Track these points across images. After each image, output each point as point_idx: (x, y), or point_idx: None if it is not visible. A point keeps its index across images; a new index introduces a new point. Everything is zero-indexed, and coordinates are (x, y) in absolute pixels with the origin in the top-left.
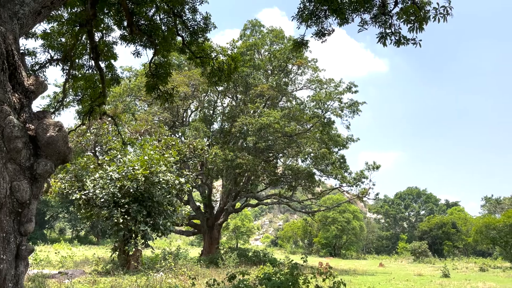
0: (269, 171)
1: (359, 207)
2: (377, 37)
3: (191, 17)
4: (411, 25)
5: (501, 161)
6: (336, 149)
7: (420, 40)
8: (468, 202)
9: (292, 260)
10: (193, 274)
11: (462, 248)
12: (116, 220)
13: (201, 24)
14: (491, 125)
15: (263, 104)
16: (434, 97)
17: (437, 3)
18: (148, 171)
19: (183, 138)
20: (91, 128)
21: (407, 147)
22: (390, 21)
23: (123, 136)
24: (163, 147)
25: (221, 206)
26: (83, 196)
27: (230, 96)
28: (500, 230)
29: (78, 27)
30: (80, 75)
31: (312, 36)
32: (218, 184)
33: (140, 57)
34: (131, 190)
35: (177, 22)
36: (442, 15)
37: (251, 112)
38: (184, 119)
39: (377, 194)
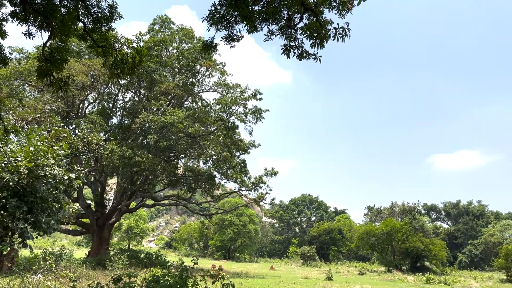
0: (169, 171)
1: (256, 211)
2: (281, 49)
3: (95, 3)
4: (313, 41)
5: (385, 173)
6: (238, 153)
7: (321, 56)
8: (354, 210)
9: (183, 262)
10: (76, 276)
11: (346, 253)
12: None
13: (106, 12)
14: (377, 139)
15: (168, 102)
16: (330, 111)
17: (337, 24)
18: (32, 164)
19: (77, 131)
20: None
21: (303, 156)
22: (294, 35)
23: (5, 123)
24: (53, 139)
25: (114, 205)
26: None
27: (133, 90)
28: (379, 237)
29: None
30: None
31: (221, 40)
32: (112, 182)
33: (32, 38)
34: (11, 183)
35: (79, 6)
36: (341, 35)
37: (154, 109)
38: (80, 111)
39: (273, 199)
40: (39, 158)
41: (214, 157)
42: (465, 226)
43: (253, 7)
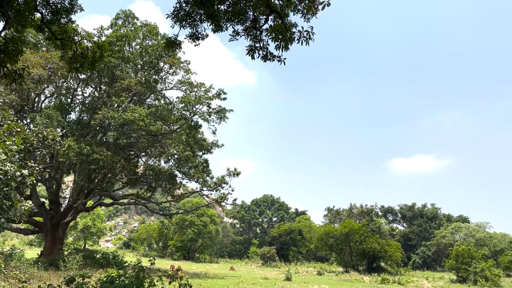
0: (128, 169)
1: (217, 211)
2: (246, 50)
3: None
4: (278, 43)
5: (345, 175)
6: (200, 153)
7: (285, 59)
8: (314, 211)
9: (140, 263)
10: (26, 277)
11: (305, 253)
12: None
13: (66, 3)
14: (339, 142)
15: (129, 99)
16: (293, 112)
17: (302, 27)
18: None
19: (32, 126)
20: None
21: (266, 157)
22: (260, 36)
23: None
24: (5, 133)
25: (70, 204)
26: None
27: (93, 86)
28: (337, 238)
29: None
30: None
31: (186, 38)
32: (69, 179)
33: None
34: None
35: None
36: (305, 39)
37: (115, 106)
38: (36, 105)
39: (235, 199)
40: None
41: (176, 156)
42: (419, 228)
43: (219, 6)
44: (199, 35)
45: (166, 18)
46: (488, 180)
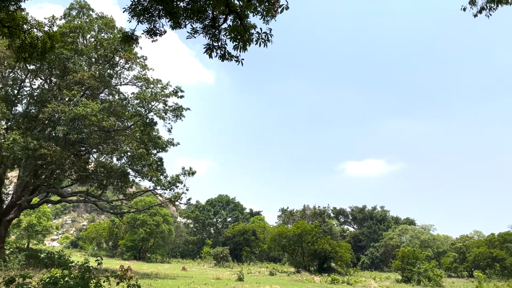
0: (78, 166)
1: (171, 211)
2: (204, 48)
3: None
4: (236, 43)
5: (300, 176)
6: (155, 151)
7: (243, 59)
8: (269, 212)
9: (86, 262)
10: None
11: (258, 254)
12: None
13: None
14: (295, 143)
15: (82, 93)
16: (250, 113)
17: (260, 28)
18: None
19: None
20: None
21: (222, 157)
22: (218, 35)
23: None
24: None
25: (14, 200)
26: None
27: (43, 77)
28: (290, 239)
29: None
30: None
31: (143, 33)
32: (13, 174)
33: None
34: None
35: None
36: (263, 40)
37: (66, 99)
38: None
39: (189, 199)
40: None
41: (129, 153)
42: (369, 230)
43: (178, 3)
44: (157, 31)
45: (123, 12)
46: (433, 184)
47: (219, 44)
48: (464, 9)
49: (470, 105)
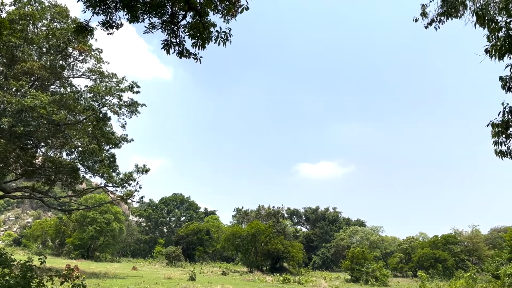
0: (24, 160)
1: (123, 209)
2: (162, 44)
3: None
4: (195, 40)
5: (256, 176)
6: (107, 147)
7: (201, 57)
8: (224, 211)
9: (29, 261)
10: None
11: (212, 253)
12: None
13: None
14: (251, 144)
15: (30, 84)
16: (207, 112)
17: (220, 27)
18: None
19: None
20: None
21: (178, 155)
22: (177, 32)
23: None
24: None
25: None
26: None
27: None
28: (244, 238)
29: None
30: None
31: (99, 25)
32: None
33: None
34: None
35: None
36: (222, 39)
37: (13, 89)
38: None
39: (142, 197)
40: None
41: (80, 148)
42: (321, 230)
43: None
44: (113, 24)
45: (78, 1)
46: (383, 187)
47: (177, 40)
48: (416, 20)
49: (419, 113)
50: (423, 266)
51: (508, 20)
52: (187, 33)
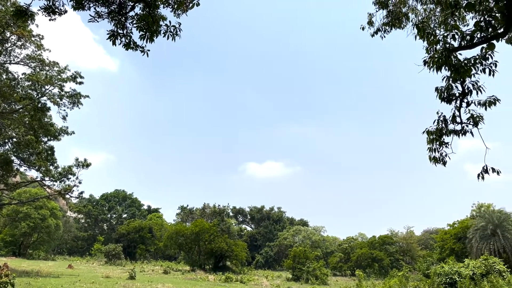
0: None
1: (60, 204)
2: (107, 34)
3: None
4: (143, 33)
5: (203, 174)
6: (45, 139)
7: (149, 50)
8: (168, 209)
9: None
10: None
11: (154, 252)
12: None
13: None
14: (199, 141)
15: None
16: (154, 107)
17: (169, 21)
18: None
19: None
20: None
21: (121, 151)
22: (124, 23)
23: None
24: None
25: None
26: None
27: None
28: (188, 237)
29: None
30: None
31: (40, 10)
32: None
33: None
34: None
35: None
36: (172, 34)
37: None
38: None
39: (82, 192)
40: None
41: (15, 139)
42: (265, 230)
43: None
44: (56, 10)
45: None
46: (326, 188)
47: (125, 32)
48: (363, 28)
49: (363, 116)
50: (361, 265)
51: (445, 34)
52: (135, 25)
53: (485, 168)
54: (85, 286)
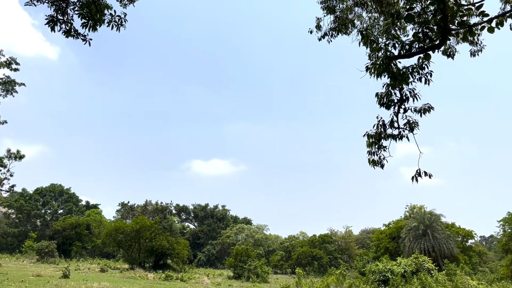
0: None
1: None
2: (46, 19)
3: None
4: (85, 21)
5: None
6: None
7: (91, 39)
8: (108, 206)
9: None
10: None
11: (91, 249)
12: None
13: None
14: (141, 137)
15: None
16: (96, 100)
17: (114, 11)
18: None
19: None
20: None
21: (59, 143)
22: (65, 9)
23: None
24: None
25: None
26: None
27: None
28: (127, 234)
29: None
30: None
31: None
32: None
33: None
34: None
35: None
36: (116, 24)
37: None
38: None
39: (13, 186)
40: None
41: None
42: (209, 228)
43: None
44: None
45: None
46: (270, 187)
47: (65, 18)
48: (311, 32)
49: (308, 118)
50: (301, 264)
51: (387, 42)
52: (76, 12)
53: (418, 171)
54: (13, 285)
